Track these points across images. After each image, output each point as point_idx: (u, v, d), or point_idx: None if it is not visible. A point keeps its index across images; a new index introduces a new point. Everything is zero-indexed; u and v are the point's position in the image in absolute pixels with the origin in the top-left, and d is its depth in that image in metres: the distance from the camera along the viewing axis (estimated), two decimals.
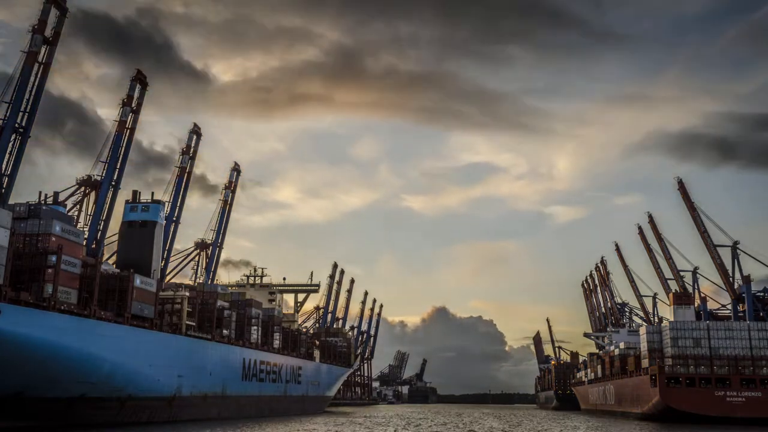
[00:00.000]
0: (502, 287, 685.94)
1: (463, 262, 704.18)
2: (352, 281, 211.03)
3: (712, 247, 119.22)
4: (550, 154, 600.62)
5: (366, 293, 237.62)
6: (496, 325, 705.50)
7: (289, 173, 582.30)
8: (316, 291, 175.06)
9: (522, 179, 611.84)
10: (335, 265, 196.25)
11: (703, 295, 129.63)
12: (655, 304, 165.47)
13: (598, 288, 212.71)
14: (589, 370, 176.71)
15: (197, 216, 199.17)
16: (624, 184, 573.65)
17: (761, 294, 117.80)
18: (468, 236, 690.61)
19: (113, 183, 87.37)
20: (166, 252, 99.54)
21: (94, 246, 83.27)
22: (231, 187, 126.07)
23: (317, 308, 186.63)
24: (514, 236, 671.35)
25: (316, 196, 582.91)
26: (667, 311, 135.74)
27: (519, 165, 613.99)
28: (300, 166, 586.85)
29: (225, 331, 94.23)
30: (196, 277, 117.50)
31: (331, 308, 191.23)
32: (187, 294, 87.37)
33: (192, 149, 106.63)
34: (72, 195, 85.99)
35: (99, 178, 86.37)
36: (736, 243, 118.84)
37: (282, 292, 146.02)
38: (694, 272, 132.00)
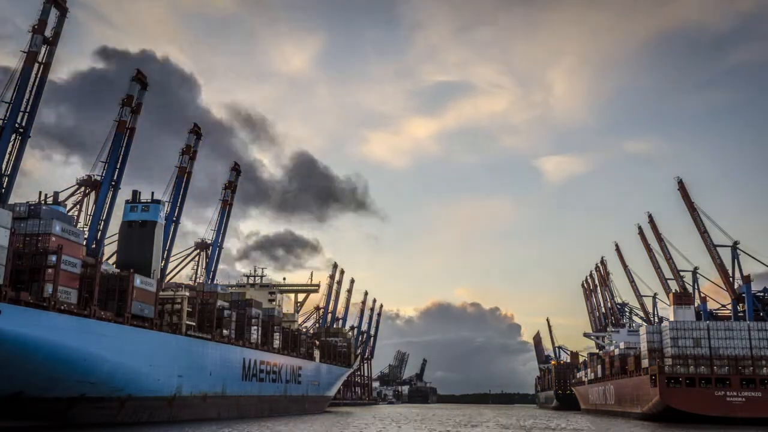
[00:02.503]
0: (493, 269, 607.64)
1: (443, 232, 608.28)
2: (352, 281, 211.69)
3: (712, 247, 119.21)
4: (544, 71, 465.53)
5: (366, 293, 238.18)
6: (510, 318, 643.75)
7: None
8: (316, 291, 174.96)
9: (510, 108, 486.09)
10: (335, 265, 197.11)
11: (703, 295, 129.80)
12: (655, 304, 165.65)
13: (598, 288, 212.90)
14: (589, 370, 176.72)
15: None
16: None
17: (761, 294, 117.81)
18: (446, 192, 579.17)
19: (113, 183, 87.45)
20: (166, 252, 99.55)
21: (94, 246, 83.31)
22: (231, 187, 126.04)
23: (317, 308, 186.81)
24: (503, 190, 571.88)
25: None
26: (667, 311, 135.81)
27: (505, 87, 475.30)
28: (209, 83, 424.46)
29: (225, 331, 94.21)
30: (196, 277, 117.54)
31: (331, 308, 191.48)
32: (187, 294, 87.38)
33: (192, 149, 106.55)
34: (72, 195, 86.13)
35: (99, 178, 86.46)
36: (736, 243, 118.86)
37: (282, 292, 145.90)
38: (694, 272, 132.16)
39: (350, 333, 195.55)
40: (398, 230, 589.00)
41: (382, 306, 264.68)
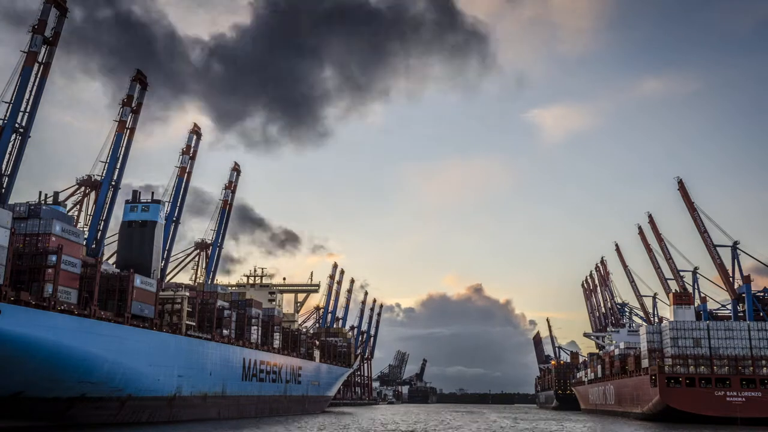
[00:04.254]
0: (483, 252, 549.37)
1: (419, 199, 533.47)
2: (352, 281, 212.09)
3: (712, 247, 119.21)
4: None
5: (366, 293, 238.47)
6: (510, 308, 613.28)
7: None
8: (316, 291, 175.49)
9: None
10: (335, 265, 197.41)
11: (703, 295, 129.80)
12: (655, 304, 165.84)
13: (598, 288, 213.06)
14: (589, 370, 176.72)
15: None
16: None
17: (761, 294, 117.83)
18: (419, 147, 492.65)
19: (113, 183, 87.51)
20: (166, 252, 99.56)
21: (94, 246, 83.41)
22: (231, 188, 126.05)
23: (317, 308, 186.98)
24: (492, 149, 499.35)
25: None
26: (667, 311, 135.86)
27: None
28: None
29: (225, 331, 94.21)
30: (196, 277, 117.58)
31: (331, 308, 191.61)
32: (187, 294, 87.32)
33: (192, 149, 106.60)
34: (72, 195, 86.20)
35: (99, 178, 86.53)
36: (736, 243, 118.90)
37: (282, 292, 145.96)
38: (694, 272, 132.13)
39: (350, 333, 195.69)
40: (369, 204, 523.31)
41: (382, 306, 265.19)
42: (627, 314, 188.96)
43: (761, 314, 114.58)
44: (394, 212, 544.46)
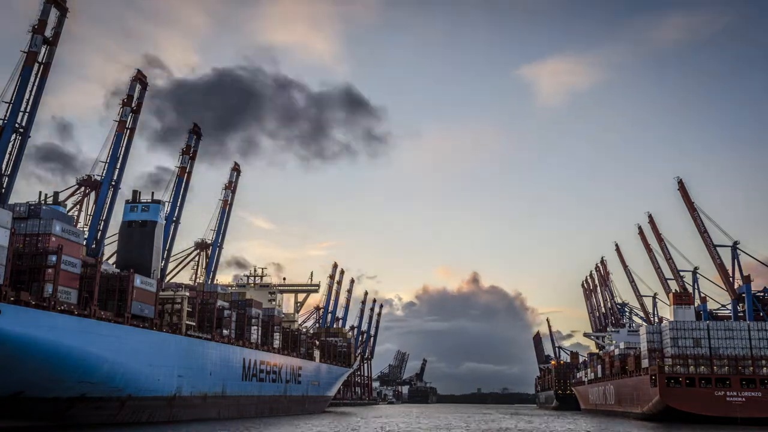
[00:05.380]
0: (473, 237, 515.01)
1: (402, 175, 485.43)
2: (352, 281, 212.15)
3: (712, 247, 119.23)
4: None
5: (366, 293, 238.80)
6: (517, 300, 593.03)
7: None
8: (316, 291, 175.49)
9: None
10: (335, 265, 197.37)
11: (703, 295, 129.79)
12: (655, 304, 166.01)
13: (598, 288, 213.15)
14: (589, 370, 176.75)
15: None
16: None
17: (761, 294, 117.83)
18: (402, 108, 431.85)
19: (113, 183, 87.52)
20: (166, 252, 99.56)
21: (94, 246, 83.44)
22: (231, 187, 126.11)
23: (317, 308, 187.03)
24: (483, 113, 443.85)
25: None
26: (667, 311, 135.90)
27: None
28: None
29: (225, 331, 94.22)
30: (196, 277, 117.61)
31: (331, 308, 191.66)
32: (187, 294, 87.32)
33: (192, 150, 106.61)
34: (72, 195, 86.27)
35: (99, 178, 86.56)
36: (736, 243, 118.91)
37: (282, 292, 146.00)
38: (694, 272, 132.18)
39: (350, 333, 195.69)
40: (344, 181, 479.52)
41: (382, 306, 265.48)
42: (627, 314, 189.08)
43: (761, 314, 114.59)
44: (373, 191, 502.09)
